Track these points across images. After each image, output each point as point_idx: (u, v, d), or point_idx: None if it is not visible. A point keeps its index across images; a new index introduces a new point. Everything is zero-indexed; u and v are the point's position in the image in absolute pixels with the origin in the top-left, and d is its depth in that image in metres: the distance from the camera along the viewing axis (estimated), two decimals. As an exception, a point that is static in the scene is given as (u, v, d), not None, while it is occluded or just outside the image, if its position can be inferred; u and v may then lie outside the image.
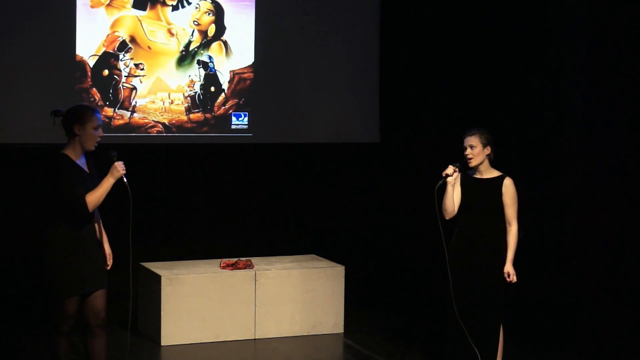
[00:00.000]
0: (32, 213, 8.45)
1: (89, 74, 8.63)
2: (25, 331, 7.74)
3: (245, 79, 9.15)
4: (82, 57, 8.60)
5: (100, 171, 5.76)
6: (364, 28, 9.50)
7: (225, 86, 9.08)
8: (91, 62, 8.63)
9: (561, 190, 8.43)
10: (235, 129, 9.16)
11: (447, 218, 6.41)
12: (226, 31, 9.06)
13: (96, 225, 5.85)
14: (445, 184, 6.33)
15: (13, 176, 8.49)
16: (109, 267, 5.88)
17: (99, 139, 5.68)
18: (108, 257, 5.89)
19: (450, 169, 6.32)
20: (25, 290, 8.38)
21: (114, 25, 8.68)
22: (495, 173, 6.39)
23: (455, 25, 9.63)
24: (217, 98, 9.08)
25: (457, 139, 9.43)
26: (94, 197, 5.58)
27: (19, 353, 7.21)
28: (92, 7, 8.59)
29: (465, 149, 6.35)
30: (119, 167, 5.63)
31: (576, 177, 8.26)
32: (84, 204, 5.54)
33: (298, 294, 7.80)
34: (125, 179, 5.66)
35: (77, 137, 5.63)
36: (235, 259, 7.86)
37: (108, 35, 8.66)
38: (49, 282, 5.63)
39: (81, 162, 5.68)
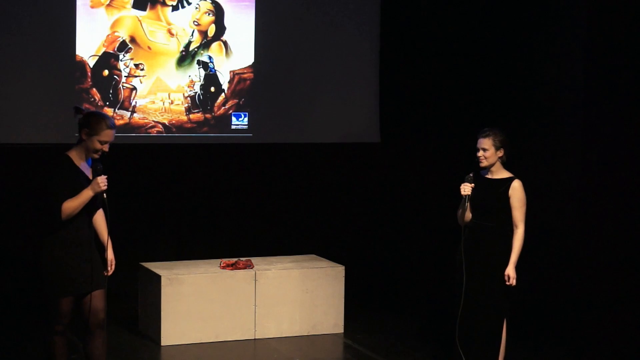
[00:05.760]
0: (32, 213, 8.51)
1: (89, 74, 8.63)
2: (22, 331, 7.74)
3: (245, 79, 9.15)
4: (82, 57, 8.60)
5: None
6: (364, 28, 9.50)
7: (225, 86, 9.08)
8: (91, 62, 8.63)
9: (561, 190, 8.42)
10: (235, 129, 9.16)
11: (462, 225, 6.40)
12: (226, 31, 9.06)
13: (100, 228, 5.82)
14: (465, 202, 6.28)
15: (13, 176, 8.49)
16: (109, 274, 5.78)
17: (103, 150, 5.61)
18: (109, 262, 5.80)
19: (468, 189, 6.22)
20: (23, 290, 8.38)
21: (114, 25, 8.68)
22: (505, 174, 6.30)
23: (456, 25, 9.64)
24: (217, 98, 9.08)
25: (456, 139, 9.52)
26: (69, 206, 5.49)
27: (16, 353, 7.20)
28: (92, 7, 8.59)
29: (478, 150, 6.22)
30: (101, 182, 5.52)
31: (576, 177, 8.26)
32: (57, 210, 5.47)
33: (298, 294, 7.80)
34: (105, 195, 5.57)
35: (84, 142, 5.61)
36: (235, 259, 7.85)
37: (108, 35, 8.66)
38: (43, 281, 5.62)
39: (84, 165, 5.63)
